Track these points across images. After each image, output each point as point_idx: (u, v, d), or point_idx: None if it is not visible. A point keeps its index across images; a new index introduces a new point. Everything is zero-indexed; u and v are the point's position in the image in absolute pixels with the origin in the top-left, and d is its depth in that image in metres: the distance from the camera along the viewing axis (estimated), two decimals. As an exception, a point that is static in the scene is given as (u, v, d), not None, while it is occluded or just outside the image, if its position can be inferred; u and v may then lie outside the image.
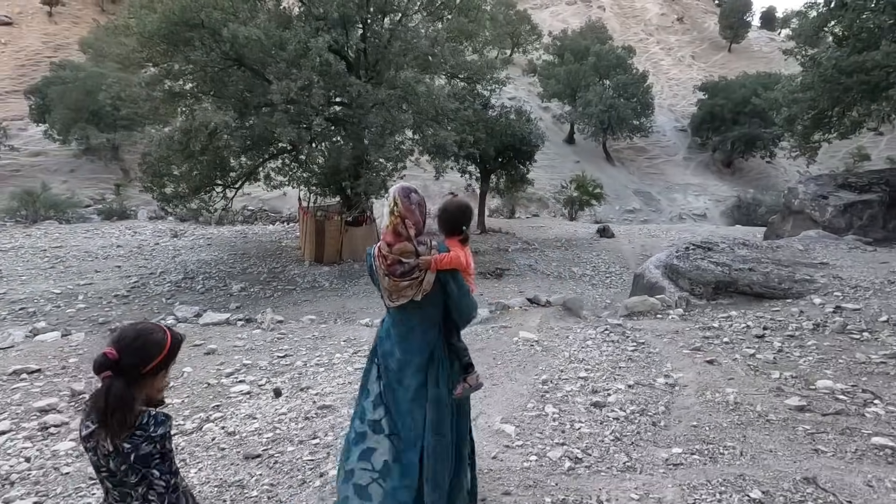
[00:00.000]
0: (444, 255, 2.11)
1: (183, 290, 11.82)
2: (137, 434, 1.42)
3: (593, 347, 5.21)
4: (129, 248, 16.02)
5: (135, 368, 1.44)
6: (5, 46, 41.18)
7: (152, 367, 1.48)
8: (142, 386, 1.47)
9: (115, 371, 1.42)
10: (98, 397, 1.41)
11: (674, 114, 44.03)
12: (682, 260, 8.43)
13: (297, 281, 12.62)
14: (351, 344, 5.33)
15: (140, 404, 1.45)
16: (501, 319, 6.60)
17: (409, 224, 2.13)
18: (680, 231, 19.97)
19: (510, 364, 4.51)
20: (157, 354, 1.48)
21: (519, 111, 17.31)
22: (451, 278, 2.10)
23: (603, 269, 14.32)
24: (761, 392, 3.85)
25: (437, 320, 2.15)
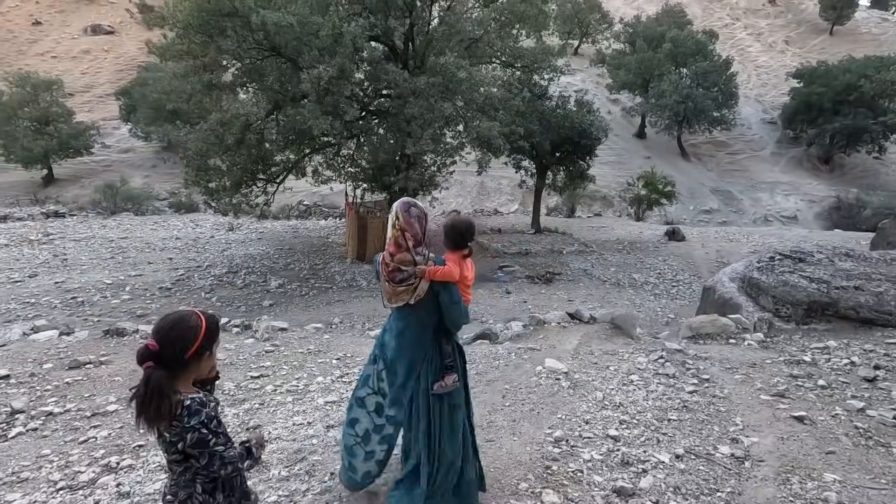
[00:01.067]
0: (439, 268, 2.33)
1: (224, 284, 11.78)
2: (174, 424, 1.51)
3: (639, 385, 4.13)
4: (186, 241, 16.49)
5: (177, 356, 1.52)
6: (107, 53, 45.07)
7: (193, 352, 1.54)
8: (189, 371, 1.57)
9: (158, 361, 1.49)
10: (138, 387, 1.48)
11: (762, 104, 39.92)
12: (766, 272, 6.98)
13: (335, 279, 12.23)
14: (342, 363, 4.61)
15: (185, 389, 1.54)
16: (532, 338, 5.63)
17: (409, 236, 2.36)
18: (764, 235, 17.65)
19: (521, 407, 3.57)
20: (194, 339, 1.54)
21: (580, 101, 15.93)
22: (443, 289, 2.33)
23: (669, 276, 12.75)
24: (879, 483, 2.66)
25: (430, 324, 2.40)
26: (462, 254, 2.42)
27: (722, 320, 6.55)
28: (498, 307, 9.64)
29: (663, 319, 8.94)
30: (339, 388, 3.94)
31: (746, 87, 41.26)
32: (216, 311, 10.33)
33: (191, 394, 1.56)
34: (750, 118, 37.05)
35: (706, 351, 5.78)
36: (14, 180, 30.69)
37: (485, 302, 10.01)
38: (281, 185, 12.93)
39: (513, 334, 6.04)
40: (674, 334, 6.97)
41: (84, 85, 41.24)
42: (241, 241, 16.36)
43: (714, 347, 5.96)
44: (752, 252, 14.60)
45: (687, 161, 32.11)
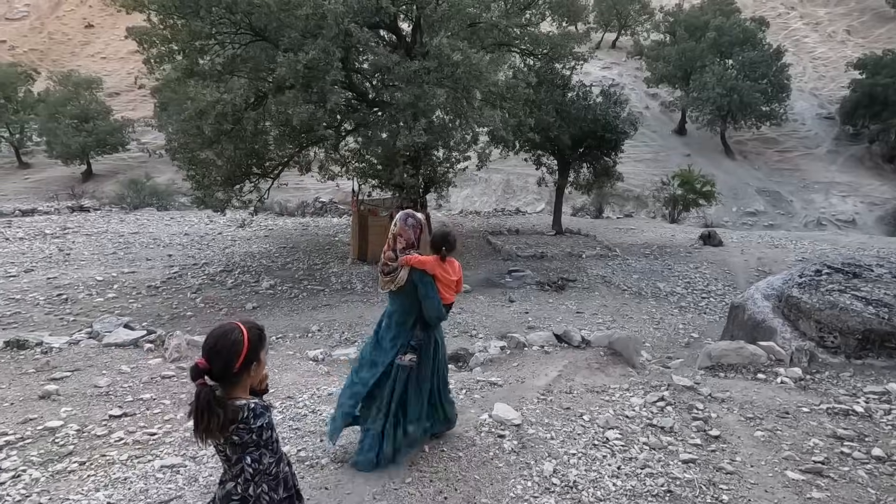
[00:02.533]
0: (414, 257, 2.85)
1: (214, 283, 11.25)
2: (241, 427, 1.58)
3: (616, 448, 3.07)
4: (194, 237, 16.22)
5: (225, 370, 1.58)
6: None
7: (240, 364, 1.60)
8: (241, 382, 1.63)
9: (210, 377, 1.56)
10: (195, 404, 1.57)
11: (818, 98, 36.82)
12: (809, 290, 5.68)
13: (330, 281, 11.49)
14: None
15: (242, 398, 1.62)
16: (503, 367, 4.61)
17: (401, 240, 2.91)
18: (815, 241, 15.79)
19: (424, 487, 2.55)
20: (239, 353, 1.59)
21: (606, 92, 14.59)
22: (420, 282, 2.83)
23: (700, 286, 11.34)
24: None
25: (412, 312, 2.90)
26: (439, 256, 2.89)
27: (749, 349, 5.33)
28: (494, 318, 8.61)
29: (684, 339, 7.68)
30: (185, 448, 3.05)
31: (801, 81, 38.19)
32: (199, 313, 9.82)
33: (252, 400, 1.64)
34: (804, 113, 34.18)
35: (725, 389, 4.61)
36: (57, 175, 31.81)
37: (482, 311, 9.01)
38: (276, 181, 12.28)
39: (485, 359, 5.03)
40: (689, 363, 5.78)
41: (129, 84, 42.60)
42: (246, 239, 15.93)
43: (737, 384, 4.78)
44: (799, 260, 12.92)
45: (731, 159, 29.83)
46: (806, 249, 14.30)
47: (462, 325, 8.26)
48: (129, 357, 4.52)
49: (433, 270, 2.84)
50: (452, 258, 3.06)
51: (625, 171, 27.53)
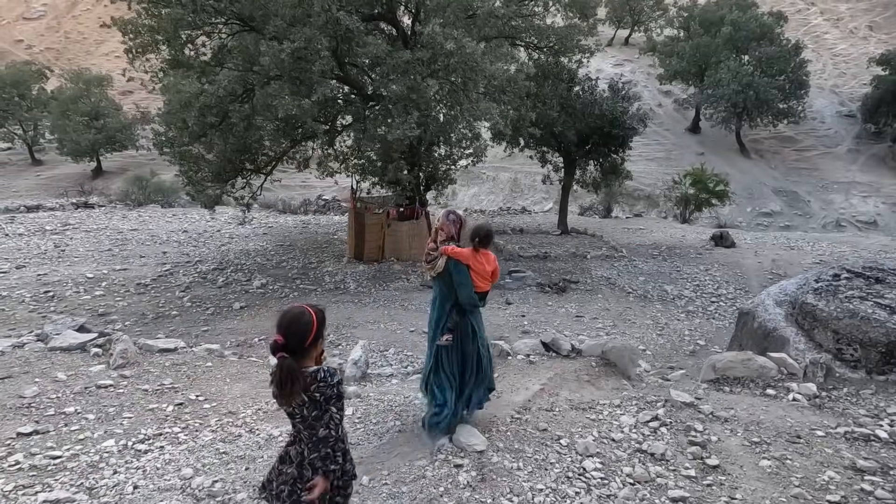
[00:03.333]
0: (451, 247, 3.15)
1: (204, 282, 10.97)
2: (321, 385, 1.93)
3: (593, 481, 2.64)
4: (192, 234, 16.02)
5: (298, 346, 1.94)
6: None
7: (311, 340, 1.97)
8: (308, 355, 1.99)
9: (286, 351, 1.91)
10: (276, 375, 1.89)
11: (838, 96, 35.66)
12: (826, 296, 5.17)
13: (323, 280, 11.15)
14: (181, 412, 3.37)
15: (311, 366, 1.97)
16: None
17: (442, 233, 3.22)
18: (834, 243, 15.08)
19: None
20: (309, 331, 1.96)
21: (614, 86, 14.04)
22: (455, 271, 3.12)
23: (710, 289, 10.78)
24: None
25: (449, 297, 3.20)
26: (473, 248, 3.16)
27: (758, 361, 4.83)
28: (488, 321, 8.08)
29: (689, 347, 7.18)
30: (126, 461, 2.68)
31: (821, 78, 37.07)
32: (185, 312, 9.52)
33: (322, 365, 2.00)
34: (823, 111, 33.10)
35: (730, 406, 4.14)
36: (68, 172, 32.03)
37: (477, 314, 8.57)
38: (269, 177, 11.97)
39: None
40: (693, 373, 5.30)
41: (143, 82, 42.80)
42: (245, 236, 15.68)
43: (743, 400, 4.30)
44: (816, 263, 12.28)
45: (746, 158, 28.96)
46: (824, 251, 13.63)
47: (453, 329, 7.85)
48: (71, 363, 4.19)
49: (467, 261, 3.11)
50: (488, 251, 3.33)
51: (636, 169, 26.94)
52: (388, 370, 5.36)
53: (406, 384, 4.55)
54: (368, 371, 5.18)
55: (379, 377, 5.08)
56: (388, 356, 6.69)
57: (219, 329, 8.30)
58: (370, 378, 5.06)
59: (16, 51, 46.16)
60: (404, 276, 11.38)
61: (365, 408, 3.62)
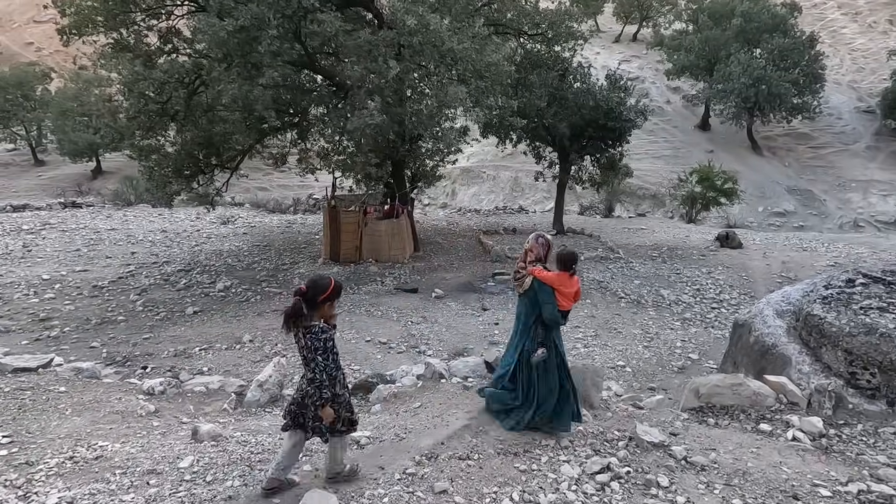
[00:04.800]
0: (538, 269, 3.44)
1: (165, 284, 10.29)
2: (312, 334, 2.60)
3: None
4: (170, 234, 15.42)
5: (312, 298, 2.64)
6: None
7: (323, 298, 2.66)
8: (316, 310, 2.65)
9: (304, 298, 2.63)
10: (289, 308, 2.62)
11: (856, 92, 34.22)
12: (836, 306, 4.25)
13: (292, 283, 10.38)
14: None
15: (317, 320, 2.66)
16: (398, 409, 3.41)
17: (531, 254, 3.54)
18: (851, 244, 13.97)
19: None
20: (324, 291, 2.66)
21: (612, 77, 13.12)
22: (540, 290, 3.37)
23: (711, 294, 9.83)
24: None
25: (533, 314, 3.41)
26: (567, 273, 3.43)
27: (751, 386, 3.95)
28: (456, 330, 7.34)
29: (678, 361, 6.27)
30: None
31: (838, 73, 35.68)
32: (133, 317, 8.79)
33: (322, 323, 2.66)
34: (840, 107, 31.70)
35: (711, 447, 3.28)
36: (69, 172, 31.86)
37: (446, 320, 7.75)
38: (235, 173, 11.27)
39: (389, 393, 3.78)
40: (674, 398, 4.42)
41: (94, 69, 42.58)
42: (223, 236, 15.03)
43: (730, 438, 3.43)
44: (830, 265, 11.25)
45: (758, 155, 27.72)
46: (839, 253, 12.56)
47: (415, 338, 7.02)
48: None
49: (552, 283, 3.35)
50: (572, 273, 3.51)
51: (641, 167, 25.90)
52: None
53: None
54: (284, 392, 4.37)
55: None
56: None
57: (161, 337, 7.58)
58: (285, 400, 4.25)
59: (26, 53, 46.37)
60: (379, 279, 10.59)
61: (210, 458, 2.82)
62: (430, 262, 11.92)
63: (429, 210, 26.05)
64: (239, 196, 27.51)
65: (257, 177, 30.70)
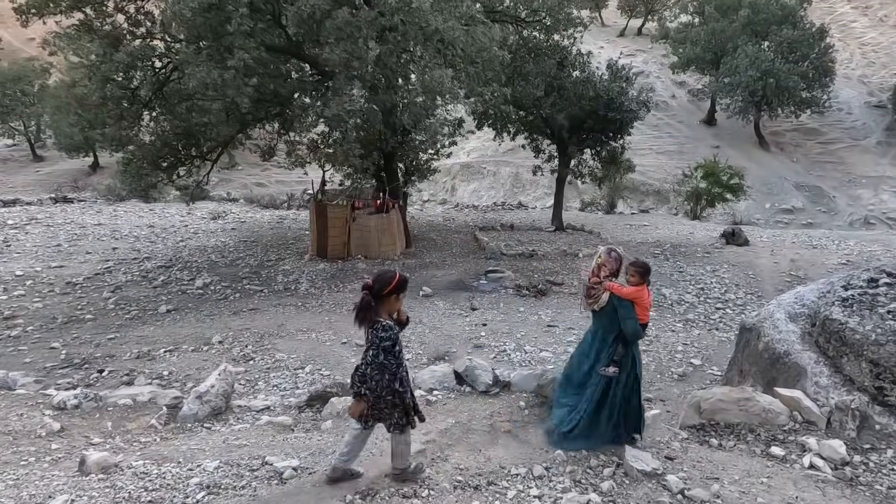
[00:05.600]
0: (615, 284, 3.30)
1: (142, 281, 9.85)
2: (373, 329, 2.62)
3: None
4: (157, 229, 15.01)
5: (378, 291, 2.65)
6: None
7: (388, 291, 2.66)
8: (384, 302, 2.67)
9: (370, 291, 2.65)
10: (358, 303, 2.65)
11: (866, 86, 33.41)
12: (858, 310, 3.73)
13: (275, 280, 9.93)
14: None
15: (383, 315, 2.68)
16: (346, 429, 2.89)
17: (605, 269, 3.35)
18: (863, 241, 13.37)
19: None
20: (388, 284, 2.66)
21: (613, 66, 12.55)
22: (620, 305, 3.24)
23: (715, 293, 9.29)
24: None
25: (612, 330, 3.30)
26: (643, 285, 3.31)
27: (761, 402, 3.44)
28: (441, 331, 6.85)
29: (679, 368, 5.75)
30: None
31: (848, 68, 34.83)
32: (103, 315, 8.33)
33: (387, 320, 2.67)
34: (850, 101, 30.92)
35: (713, 475, 2.78)
36: (67, 168, 31.63)
37: (431, 321, 7.25)
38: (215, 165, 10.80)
39: (343, 407, 3.31)
40: (670, 415, 3.92)
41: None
42: (210, 231, 14.58)
43: (736, 463, 2.93)
44: (843, 264, 10.67)
45: (765, 151, 27.03)
46: (851, 251, 11.97)
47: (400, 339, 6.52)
48: None
49: (630, 297, 3.25)
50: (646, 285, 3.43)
51: (645, 163, 25.27)
52: (268, 401, 4.07)
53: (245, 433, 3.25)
54: (233, 403, 3.89)
55: (245, 411, 3.80)
56: (298, 376, 5.41)
57: (127, 337, 7.13)
58: (232, 412, 3.78)
59: (28, 49, 46.05)
60: (367, 276, 10.11)
61: (89, 498, 2.30)
62: (421, 259, 11.43)
63: (428, 206, 25.58)
64: (236, 191, 27.14)
65: (255, 172, 30.30)
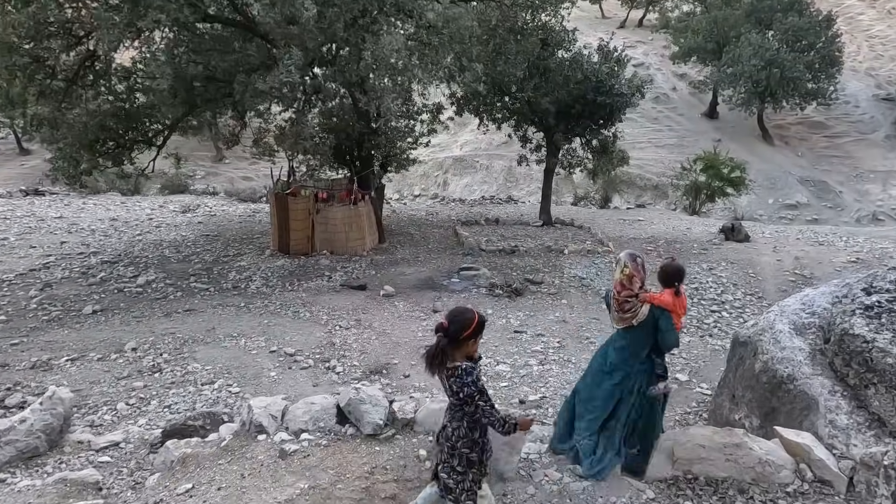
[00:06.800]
0: (655, 294, 3.10)
1: (80, 277, 8.96)
2: (457, 377, 2.29)
3: None
4: (120, 222, 14.16)
5: (456, 334, 2.29)
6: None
7: (466, 335, 2.31)
8: (462, 346, 2.32)
9: (445, 334, 2.28)
10: (430, 348, 2.29)
11: (874, 79, 32.29)
12: (887, 322, 2.77)
13: (226, 278, 9.03)
14: None
15: (460, 359, 2.32)
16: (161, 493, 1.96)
17: (636, 280, 3.14)
18: (873, 238, 12.38)
19: None
20: (467, 327, 2.30)
21: (604, 48, 11.55)
22: (661, 315, 3.05)
23: (711, 294, 8.35)
24: None
25: (647, 343, 3.11)
26: (673, 290, 3.10)
27: (756, 451, 2.52)
28: (388, 337, 5.93)
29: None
30: None
31: (855, 60, 33.70)
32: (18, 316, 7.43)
33: (466, 362, 2.33)
34: (858, 94, 29.83)
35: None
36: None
37: (381, 325, 6.33)
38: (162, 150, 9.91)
39: (179, 455, 2.38)
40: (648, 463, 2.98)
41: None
42: (175, 225, 13.70)
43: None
44: (852, 262, 9.71)
45: (769, 145, 25.99)
46: (862, 248, 10.99)
47: (334, 348, 5.61)
48: None
49: (670, 307, 3.05)
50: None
51: (644, 157, 24.25)
52: (121, 434, 3.16)
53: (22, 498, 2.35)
54: (72, 437, 2.98)
55: (81, 450, 2.88)
56: (201, 394, 4.50)
57: (36, 342, 6.24)
58: (62, 451, 2.87)
59: (20, 42, 45.27)
60: (328, 273, 9.21)
61: None
62: (392, 255, 10.51)
63: (418, 201, 24.65)
64: (220, 185, 26.24)
65: (243, 166, 29.35)
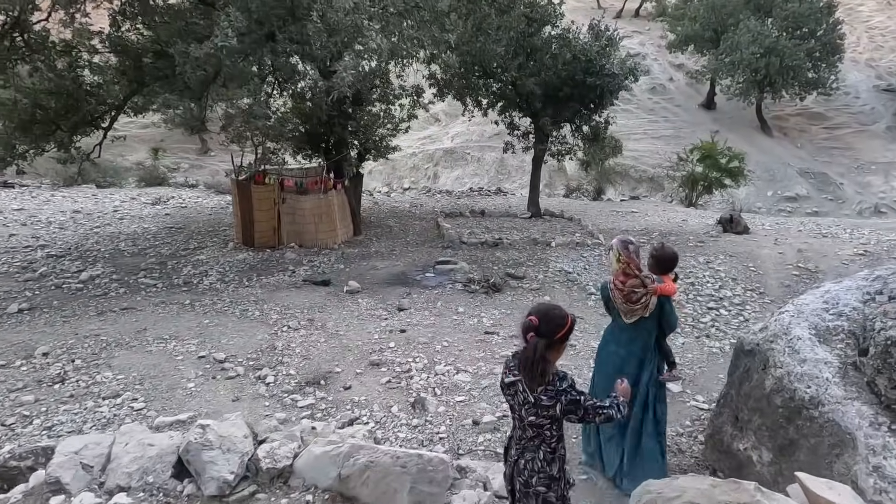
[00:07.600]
0: (663, 286, 2.99)
1: (18, 273, 8.18)
2: (549, 388, 1.87)
3: None
4: (82, 214, 13.36)
5: (549, 335, 1.88)
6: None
7: (560, 336, 1.91)
8: (554, 351, 1.92)
9: (538, 334, 1.87)
10: (525, 352, 1.87)
11: (874, 70, 31.60)
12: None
13: (178, 273, 8.26)
14: None
15: (553, 367, 1.91)
16: None
17: (633, 267, 2.97)
18: (879, 230, 11.67)
19: None
20: (562, 327, 1.92)
21: (595, 27, 10.77)
22: (666, 301, 3.01)
23: (708, 289, 7.62)
24: None
25: (654, 330, 3.06)
26: (671, 277, 3.10)
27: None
28: (340, 339, 5.18)
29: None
30: None
31: (855, 51, 32.97)
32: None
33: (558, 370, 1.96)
34: (858, 85, 29.13)
35: None
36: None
37: (335, 325, 5.59)
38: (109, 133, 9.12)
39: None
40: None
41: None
42: (139, 217, 12.90)
43: None
44: (860, 255, 8.98)
45: (768, 136, 25.28)
46: (868, 240, 10.27)
47: (274, 352, 4.86)
48: None
49: (674, 293, 3.05)
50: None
51: (639, 148, 23.50)
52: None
53: None
54: None
55: None
56: (97, 412, 3.75)
57: (-60, 345, 5.48)
58: None
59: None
60: (292, 268, 8.44)
61: None
62: (366, 249, 9.76)
63: (407, 193, 23.86)
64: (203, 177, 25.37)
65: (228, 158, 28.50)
